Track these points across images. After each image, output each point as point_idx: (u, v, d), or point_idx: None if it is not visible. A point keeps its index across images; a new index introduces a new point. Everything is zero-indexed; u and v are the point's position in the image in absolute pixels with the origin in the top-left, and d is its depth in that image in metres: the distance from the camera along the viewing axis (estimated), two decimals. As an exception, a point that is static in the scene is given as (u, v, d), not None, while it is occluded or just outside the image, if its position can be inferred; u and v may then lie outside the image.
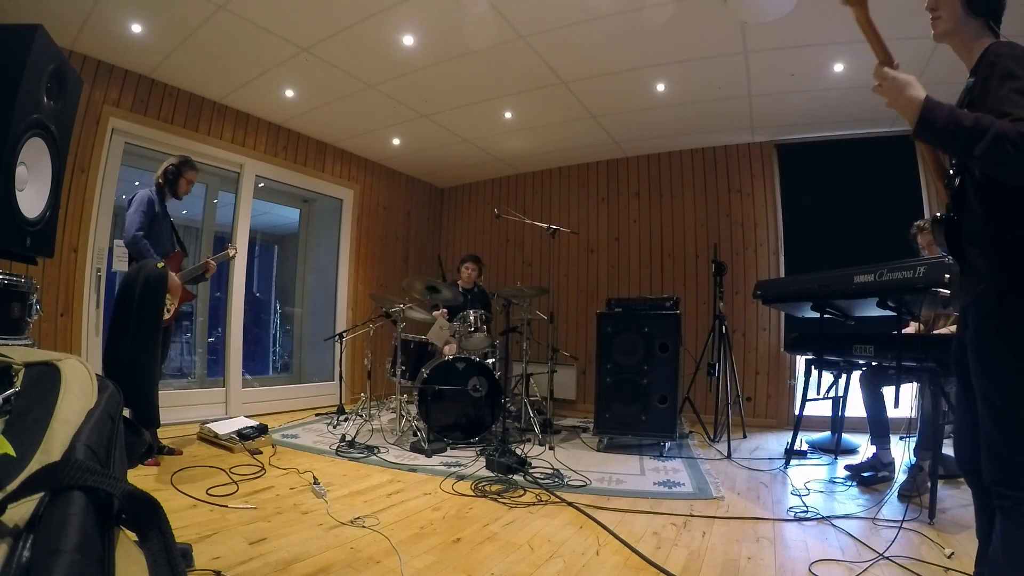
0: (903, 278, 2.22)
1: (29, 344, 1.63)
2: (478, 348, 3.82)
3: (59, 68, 1.66)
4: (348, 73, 3.79)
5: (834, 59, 3.37)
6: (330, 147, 5.28)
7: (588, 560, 1.81)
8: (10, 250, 1.58)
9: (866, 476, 2.78)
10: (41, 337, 3.17)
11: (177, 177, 3.06)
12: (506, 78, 3.84)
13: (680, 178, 5.18)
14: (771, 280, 4.19)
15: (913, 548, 1.90)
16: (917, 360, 2.35)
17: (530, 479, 2.69)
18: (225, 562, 1.66)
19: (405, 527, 2.06)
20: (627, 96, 4.07)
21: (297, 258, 5.57)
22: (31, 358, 0.76)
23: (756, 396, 4.64)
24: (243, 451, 3.06)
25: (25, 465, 0.55)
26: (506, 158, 5.62)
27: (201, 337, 4.69)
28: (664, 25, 3.08)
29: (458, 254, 5.26)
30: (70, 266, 3.41)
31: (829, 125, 4.41)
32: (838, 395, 3.32)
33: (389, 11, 3.04)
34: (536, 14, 3.04)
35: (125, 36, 3.27)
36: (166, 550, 0.57)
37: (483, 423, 3.55)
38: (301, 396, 4.93)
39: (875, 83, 1.26)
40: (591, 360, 4.00)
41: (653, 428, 3.41)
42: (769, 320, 4.67)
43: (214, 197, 4.59)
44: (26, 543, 0.46)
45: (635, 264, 5.30)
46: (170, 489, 2.33)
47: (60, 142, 1.71)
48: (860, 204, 4.44)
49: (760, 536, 2.04)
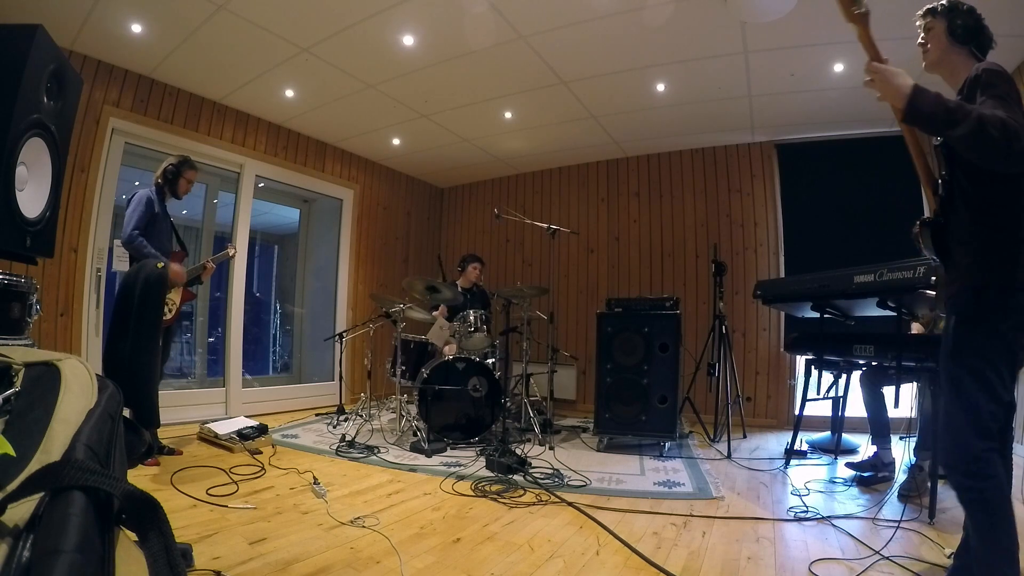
0: (903, 278, 2.22)
1: (29, 344, 1.63)
2: (478, 348, 3.82)
3: (59, 68, 1.66)
4: (348, 73, 3.79)
5: (834, 59, 3.37)
6: (330, 147, 5.28)
7: (588, 560, 1.81)
8: (10, 250, 1.57)
9: (866, 476, 2.78)
10: (41, 337, 3.17)
11: (176, 177, 3.06)
12: (506, 78, 3.84)
13: (680, 178, 5.18)
14: (771, 280, 4.19)
15: (913, 548, 1.90)
16: (917, 360, 2.35)
17: (530, 479, 2.69)
18: (225, 562, 1.66)
19: (405, 527, 2.06)
20: (627, 96, 4.07)
21: (297, 258, 5.57)
22: (31, 358, 0.76)
23: (756, 396, 4.64)
24: (243, 451, 3.06)
25: (25, 465, 0.55)
26: (506, 158, 5.62)
27: (201, 337, 4.69)
28: (664, 25, 3.08)
29: (458, 254, 5.26)
30: (70, 266, 3.41)
31: (829, 125, 4.41)
32: (838, 395, 3.32)
33: (389, 11, 3.04)
34: (536, 14, 3.04)
35: (125, 36, 3.27)
36: (166, 550, 0.57)
37: (483, 423, 3.55)
38: (301, 396, 4.93)
39: (867, 78, 1.33)
40: (591, 360, 4.00)
41: (653, 428, 3.41)
42: (769, 320, 4.67)
43: (214, 197, 4.59)
44: (26, 543, 0.46)
45: (635, 264, 5.30)
46: (170, 489, 2.33)
47: (60, 142, 1.71)
48: (860, 204, 4.43)
49: (760, 536, 2.04)
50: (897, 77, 1.26)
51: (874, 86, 1.31)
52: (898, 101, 1.25)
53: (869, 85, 1.33)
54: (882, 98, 1.30)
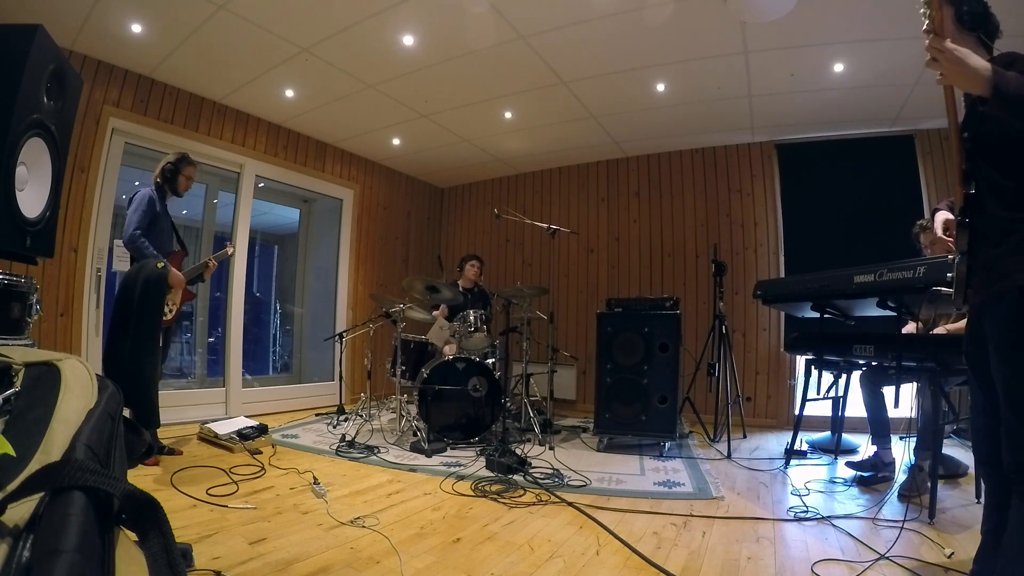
0: (903, 278, 2.21)
1: (29, 344, 1.63)
2: (478, 348, 3.82)
3: (59, 68, 1.66)
4: (348, 73, 3.79)
5: (834, 59, 3.37)
6: (330, 147, 5.28)
7: (588, 560, 1.81)
8: (10, 250, 1.57)
9: (866, 476, 2.78)
10: (41, 337, 3.17)
11: (175, 174, 3.06)
12: (506, 78, 3.84)
13: (680, 178, 5.18)
14: (771, 280, 4.19)
15: (913, 548, 1.90)
16: (917, 360, 2.35)
17: (530, 479, 2.69)
18: (225, 562, 1.66)
19: (405, 527, 2.06)
20: (627, 96, 4.07)
21: (297, 258, 5.57)
22: (31, 358, 0.76)
23: (756, 396, 4.64)
24: (243, 451, 3.06)
25: (25, 465, 0.55)
26: (506, 158, 5.62)
27: (201, 337, 4.69)
28: (664, 25, 3.08)
29: (458, 254, 5.26)
30: (70, 266, 3.41)
31: (829, 125, 4.41)
32: (838, 395, 3.32)
33: (389, 11, 3.04)
34: (536, 14, 3.04)
35: (125, 36, 3.27)
36: (166, 550, 0.57)
37: (483, 423, 3.55)
38: (301, 396, 4.93)
39: (929, 57, 1.19)
40: (591, 360, 4.00)
41: (653, 428, 3.41)
42: (769, 320, 4.67)
43: (214, 197, 4.59)
44: (26, 543, 0.46)
45: (635, 264, 5.30)
46: (170, 489, 2.33)
47: (60, 142, 1.71)
48: (860, 204, 4.43)
49: (760, 536, 2.04)
50: (969, 58, 1.13)
51: (938, 67, 1.17)
52: (978, 87, 1.13)
53: (932, 65, 1.18)
54: (947, 81, 1.19)
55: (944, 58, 1.15)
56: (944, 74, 1.18)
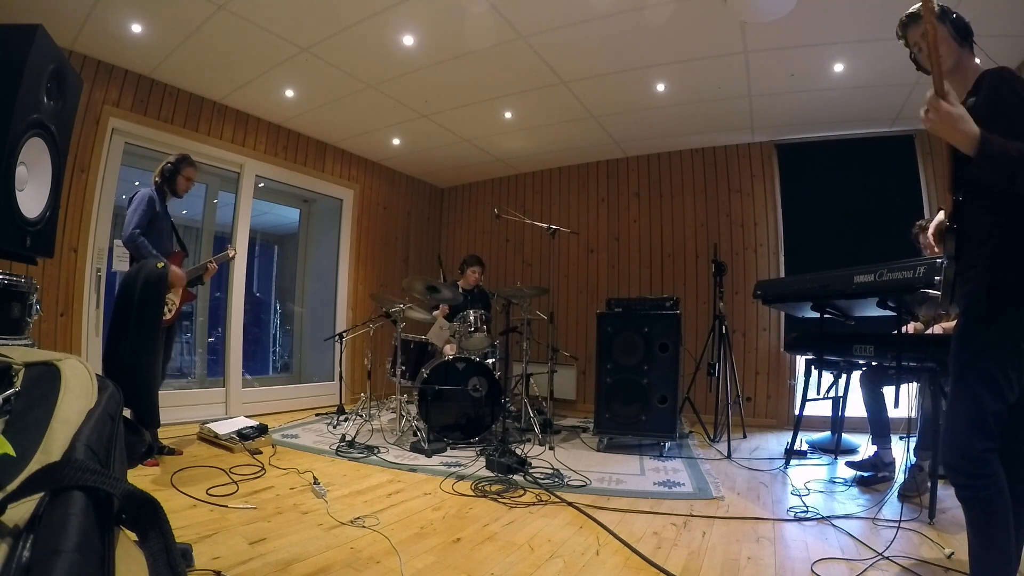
0: (903, 278, 2.21)
1: (29, 344, 1.63)
2: (478, 348, 3.82)
3: (59, 68, 1.65)
4: (348, 73, 3.79)
5: (834, 59, 3.37)
6: (330, 147, 5.28)
7: (588, 560, 1.81)
8: (10, 250, 1.57)
9: (866, 476, 2.78)
10: (41, 337, 3.17)
11: (175, 175, 3.06)
12: (506, 78, 3.84)
13: (680, 178, 5.18)
14: (771, 280, 4.19)
15: (913, 548, 1.90)
16: (917, 360, 2.35)
17: (530, 479, 2.69)
18: (225, 562, 1.66)
19: (405, 527, 2.06)
20: (627, 96, 4.07)
21: (297, 258, 5.57)
22: (31, 358, 0.76)
23: (756, 396, 4.64)
24: (243, 451, 3.06)
25: (25, 465, 0.55)
26: (506, 158, 5.62)
27: (201, 337, 4.69)
28: (664, 25, 3.08)
29: (458, 254, 5.26)
30: (70, 266, 3.41)
31: (829, 125, 4.41)
32: (838, 395, 3.32)
33: (389, 11, 3.04)
34: (536, 14, 3.04)
35: (125, 36, 3.27)
36: (166, 550, 0.57)
37: (483, 423, 3.55)
38: (301, 396, 4.93)
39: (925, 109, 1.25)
40: (591, 360, 4.00)
41: (653, 428, 3.41)
42: (769, 320, 4.67)
43: (214, 197, 4.59)
44: (26, 543, 0.46)
45: (635, 264, 5.30)
46: (170, 489, 2.33)
47: (60, 142, 1.71)
48: (860, 204, 4.44)
49: (760, 536, 2.04)
50: (961, 122, 1.20)
51: (929, 121, 1.24)
52: (966, 148, 1.21)
53: (925, 120, 1.25)
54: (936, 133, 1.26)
55: (939, 118, 1.22)
56: (936, 129, 1.25)
